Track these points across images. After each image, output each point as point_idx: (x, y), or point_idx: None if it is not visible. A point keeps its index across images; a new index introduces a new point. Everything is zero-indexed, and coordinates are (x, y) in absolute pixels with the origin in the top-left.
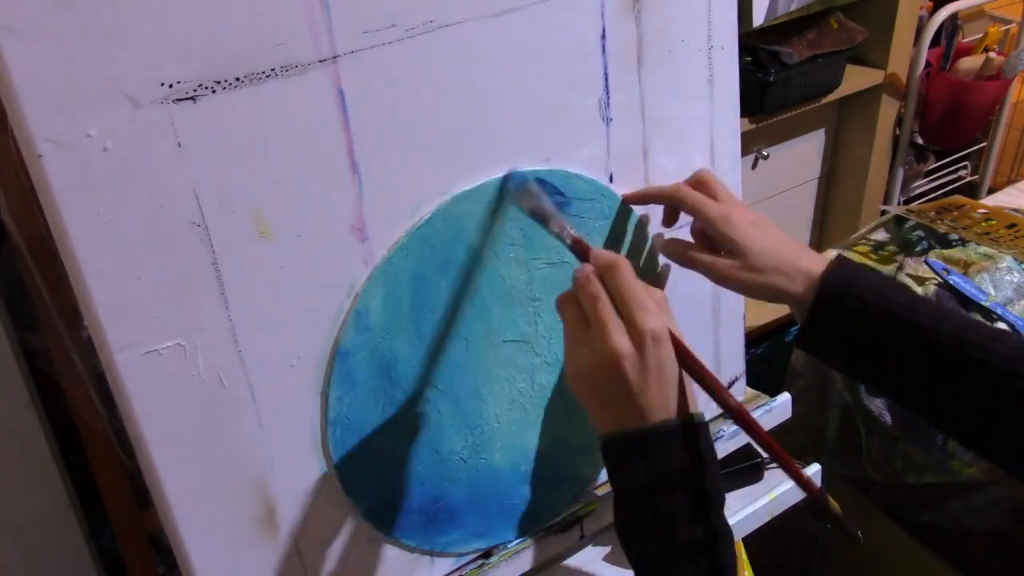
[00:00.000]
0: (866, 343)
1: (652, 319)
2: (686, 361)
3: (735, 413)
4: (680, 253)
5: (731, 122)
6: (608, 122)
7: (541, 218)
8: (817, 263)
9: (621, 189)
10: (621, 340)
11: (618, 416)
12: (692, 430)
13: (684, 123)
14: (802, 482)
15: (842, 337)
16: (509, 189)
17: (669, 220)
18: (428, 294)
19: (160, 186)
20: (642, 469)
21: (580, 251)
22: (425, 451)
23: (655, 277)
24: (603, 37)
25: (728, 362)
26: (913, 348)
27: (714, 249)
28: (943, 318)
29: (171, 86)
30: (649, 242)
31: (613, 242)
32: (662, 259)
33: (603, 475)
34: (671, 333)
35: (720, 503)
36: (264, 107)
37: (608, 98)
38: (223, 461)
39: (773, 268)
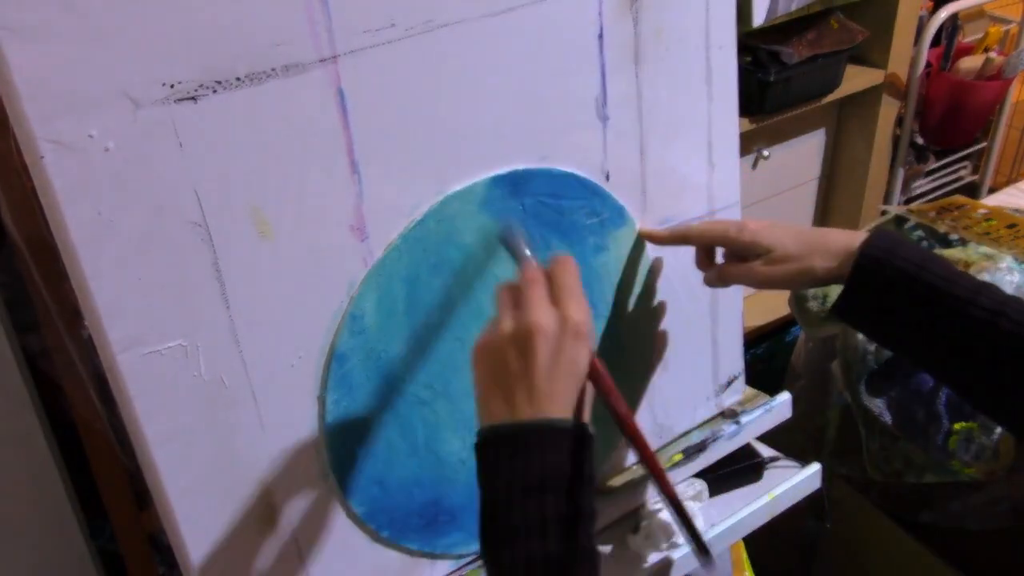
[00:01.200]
0: (903, 313)
1: (582, 316)
2: (597, 379)
3: (634, 439)
4: (715, 276)
5: (730, 121)
6: (605, 121)
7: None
8: (851, 238)
9: (618, 188)
10: (546, 316)
11: (512, 401)
12: (584, 439)
13: (682, 122)
14: (670, 496)
15: (880, 307)
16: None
17: (703, 262)
18: (422, 295)
19: (161, 186)
20: (527, 465)
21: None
22: (423, 453)
23: (651, 288)
24: (600, 36)
25: (726, 361)
26: (949, 318)
27: (744, 259)
28: (981, 291)
29: (172, 86)
30: (645, 256)
31: (615, 256)
32: (667, 271)
33: (603, 474)
34: (592, 353)
35: (593, 521)
36: (264, 107)
37: (605, 97)
38: (224, 461)
39: (806, 252)
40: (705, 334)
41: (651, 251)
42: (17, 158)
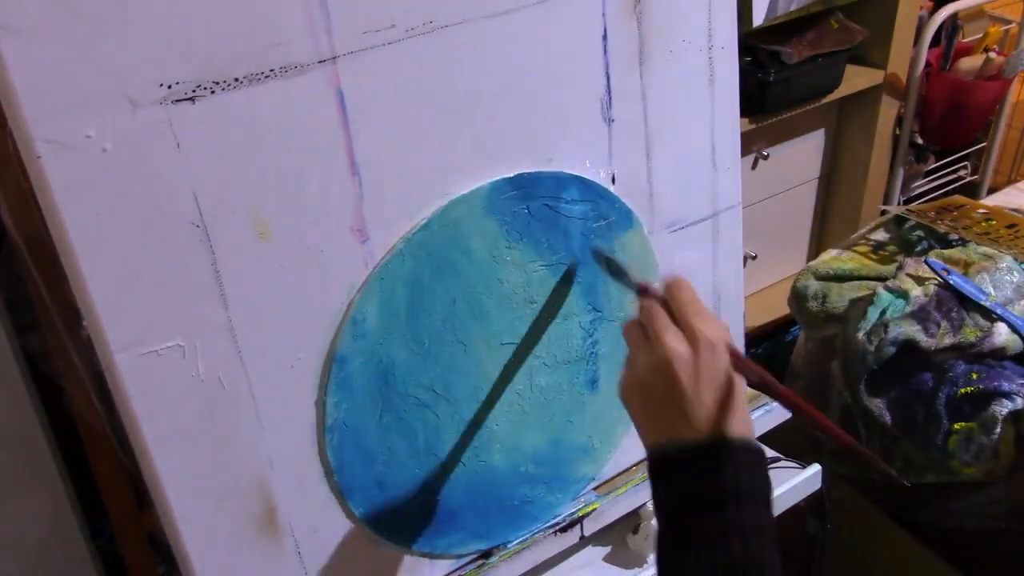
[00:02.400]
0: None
1: (709, 327)
2: (744, 369)
3: (808, 416)
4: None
5: (732, 122)
6: (610, 123)
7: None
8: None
9: (625, 191)
10: (677, 343)
11: (673, 429)
12: (752, 453)
13: (686, 123)
14: (855, 450)
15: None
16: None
17: None
18: (425, 299)
19: (159, 187)
20: (702, 482)
21: (643, 290)
22: (424, 455)
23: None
24: (604, 38)
25: None
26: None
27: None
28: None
29: (170, 87)
30: (650, 257)
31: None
32: (659, 267)
33: (603, 475)
34: (730, 346)
35: (773, 533)
36: (263, 108)
37: (610, 99)
38: (223, 461)
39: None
40: None
41: (656, 253)
42: (16, 158)
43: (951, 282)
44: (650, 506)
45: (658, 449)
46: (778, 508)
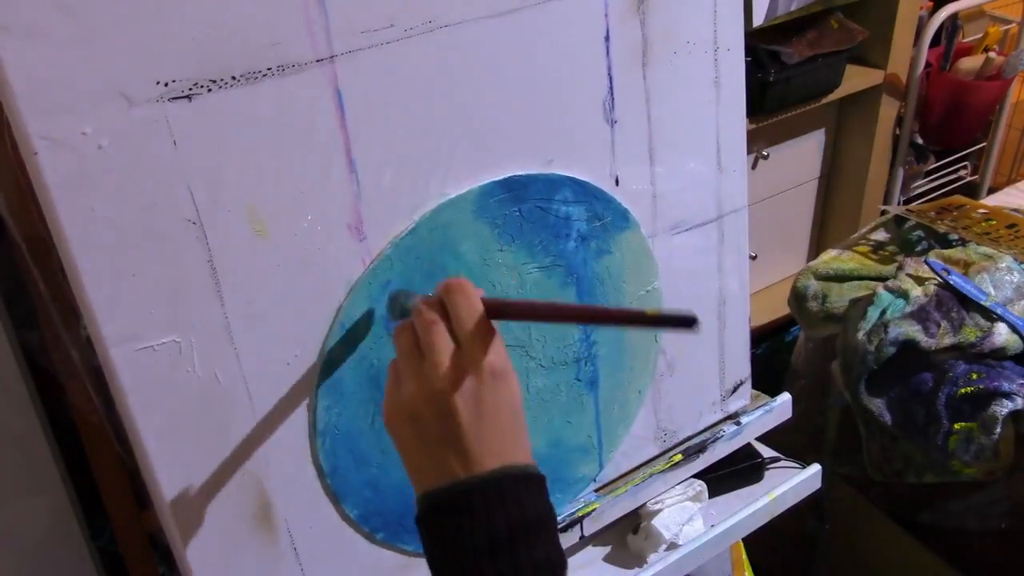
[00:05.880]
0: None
1: (494, 351)
2: (509, 314)
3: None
4: None
5: (737, 124)
6: (613, 124)
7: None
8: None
9: (628, 192)
10: (456, 372)
11: (442, 464)
12: (532, 482)
13: (690, 125)
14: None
15: None
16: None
17: None
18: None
19: (155, 184)
20: (468, 527)
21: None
22: None
23: (656, 291)
24: (607, 38)
25: (733, 365)
26: None
27: None
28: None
29: (166, 84)
30: (650, 259)
31: None
32: (672, 274)
33: (603, 475)
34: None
35: (562, 566)
36: (260, 106)
37: (613, 100)
38: (219, 457)
39: None
40: (712, 339)
41: (656, 254)
42: (14, 155)
43: (951, 282)
44: (651, 505)
45: (431, 495)
46: (778, 508)
